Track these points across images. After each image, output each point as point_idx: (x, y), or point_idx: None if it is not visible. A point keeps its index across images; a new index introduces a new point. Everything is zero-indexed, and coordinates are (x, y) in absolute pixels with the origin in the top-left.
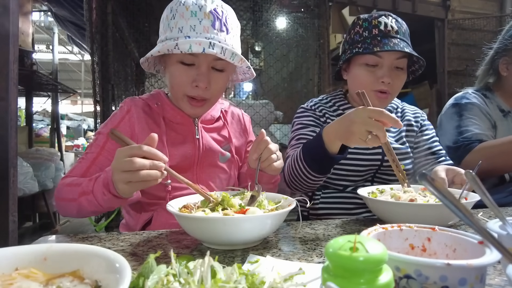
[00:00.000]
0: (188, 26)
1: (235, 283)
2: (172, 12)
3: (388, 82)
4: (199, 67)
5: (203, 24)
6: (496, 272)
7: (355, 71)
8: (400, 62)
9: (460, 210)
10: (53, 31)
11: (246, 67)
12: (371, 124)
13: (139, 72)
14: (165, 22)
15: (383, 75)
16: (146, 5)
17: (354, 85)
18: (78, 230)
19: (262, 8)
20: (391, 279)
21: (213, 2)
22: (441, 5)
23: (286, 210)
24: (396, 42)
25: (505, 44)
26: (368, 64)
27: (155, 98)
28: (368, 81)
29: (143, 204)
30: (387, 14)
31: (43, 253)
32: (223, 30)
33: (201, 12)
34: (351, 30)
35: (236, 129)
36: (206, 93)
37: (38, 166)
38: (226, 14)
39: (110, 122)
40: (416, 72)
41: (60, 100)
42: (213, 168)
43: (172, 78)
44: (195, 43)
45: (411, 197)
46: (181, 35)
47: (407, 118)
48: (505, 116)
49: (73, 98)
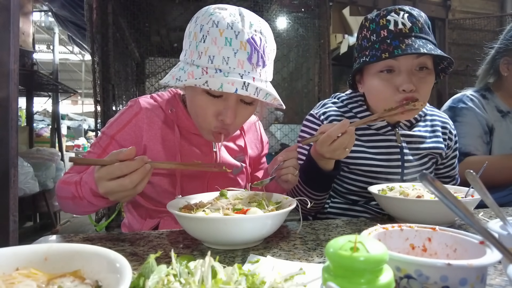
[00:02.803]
0: (220, 57)
1: (235, 284)
2: (203, 32)
3: (410, 90)
4: (227, 99)
5: (238, 57)
6: (497, 272)
7: (369, 82)
8: (422, 61)
9: (460, 210)
10: (53, 31)
11: (278, 104)
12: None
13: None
14: (192, 41)
15: (402, 82)
16: (147, 5)
17: (373, 100)
18: (79, 230)
19: (263, 8)
20: (392, 279)
21: (252, 26)
22: (442, 5)
23: (287, 210)
24: (409, 42)
25: (506, 44)
26: (382, 71)
27: (169, 103)
28: (386, 93)
29: (149, 210)
30: (398, 9)
31: (43, 253)
32: (260, 64)
33: (237, 41)
34: (359, 35)
35: (252, 140)
36: (230, 127)
37: (39, 166)
38: (264, 43)
39: (116, 124)
40: (447, 70)
41: (60, 100)
42: (226, 180)
43: (195, 108)
44: (227, 83)
45: (419, 193)
46: (211, 66)
47: (436, 135)
48: (504, 116)
49: (73, 98)
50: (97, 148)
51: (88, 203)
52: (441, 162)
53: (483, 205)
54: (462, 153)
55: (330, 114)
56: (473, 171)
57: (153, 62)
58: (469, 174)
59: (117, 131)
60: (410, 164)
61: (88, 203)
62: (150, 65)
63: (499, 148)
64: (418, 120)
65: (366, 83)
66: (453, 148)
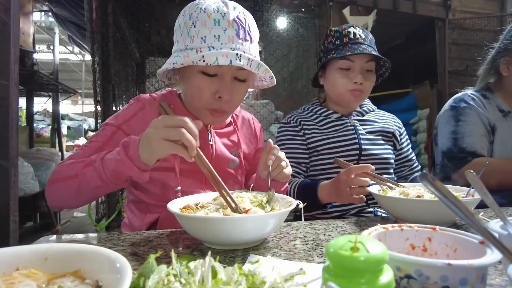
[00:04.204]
0: (211, 36)
1: (235, 284)
2: (192, 19)
3: (360, 83)
4: (223, 78)
5: (228, 33)
6: (497, 272)
7: (331, 75)
8: (369, 65)
9: (460, 210)
10: (53, 31)
11: (269, 77)
12: (352, 181)
13: (139, 72)
14: (183, 30)
15: (355, 77)
16: (147, 5)
17: (332, 88)
18: (79, 230)
19: (263, 8)
20: (392, 279)
21: (235, 8)
22: (442, 5)
23: (287, 210)
24: (364, 47)
25: (506, 44)
26: (342, 68)
27: (167, 99)
28: (343, 82)
29: (148, 205)
30: (355, 26)
31: (44, 253)
32: (247, 39)
33: (225, 21)
34: (324, 41)
35: (246, 135)
36: (227, 105)
37: (39, 166)
38: (248, 22)
39: (121, 116)
40: (384, 75)
41: (60, 100)
42: (223, 174)
43: (192, 89)
44: (222, 55)
45: (419, 193)
46: (204, 45)
47: (386, 121)
48: (505, 116)
49: (73, 98)
50: (100, 137)
51: (99, 168)
52: (399, 146)
53: (483, 205)
54: (468, 152)
55: (295, 116)
56: (473, 171)
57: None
58: (469, 174)
59: (124, 121)
60: (364, 137)
61: (100, 169)
62: (150, 65)
63: (501, 148)
64: (367, 112)
65: (327, 77)
66: (403, 134)
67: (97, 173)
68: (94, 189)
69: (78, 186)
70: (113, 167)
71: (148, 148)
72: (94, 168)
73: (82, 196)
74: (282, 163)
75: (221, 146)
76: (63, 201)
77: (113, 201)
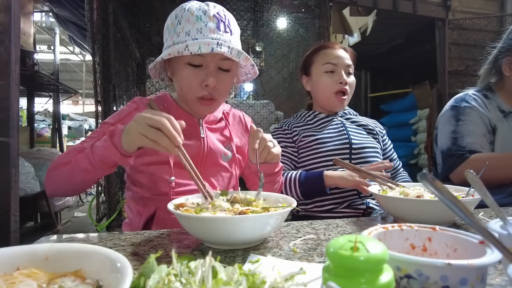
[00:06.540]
0: (194, 30)
1: (236, 283)
2: (177, 18)
3: (345, 82)
4: (207, 67)
5: (209, 26)
6: (497, 272)
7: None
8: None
9: (460, 209)
10: (54, 32)
11: (250, 65)
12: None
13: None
14: (170, 29)
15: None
16: (147, 5)
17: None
18: (80, 230)
19: (263, 9)
20: (392, 279)
21: (215, 7)
22: (442, 5)
23: (287, 210)
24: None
25: (509, 44)
26: (327, 71)
27: (161, 100)
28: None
29: (145, 199)
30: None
31: (44, 252)
32: (227, 31)
33: (206, 16)
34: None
35: (237, 129)
36: (215, 93)
37: (40, 166)
38: (228, 17)
39: (117, 115)
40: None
41: (61, 100)
42: (216, 167)
43: (181, 80)
44: (204, 44)
45: (419, 193)
46: (188, 38)
47: (368, 122)
48: (506, 116)
49: (74, 98)
50: (97, 134)
51: (89, 154)
52: (383, 146)
53: (483, 205)
54: (468, 151)
55: (288, 122)
56: (473, 171)
57: None
58: (469, 174)
59: (119, 119)
60: (352, 130)
61: (89, 154)
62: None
63: (502, 148)
64: (351, 114)
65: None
66: (385, 136)
67: (87, 158)
68: (83, 172)
69: (69, 170)
70: (100, 152)
71: (128, 139)
72: (85, 154)
73: (73, 179)
74: (269, 143)
75: (213, 140)
76: (57, 187)
77: (113, 201)
